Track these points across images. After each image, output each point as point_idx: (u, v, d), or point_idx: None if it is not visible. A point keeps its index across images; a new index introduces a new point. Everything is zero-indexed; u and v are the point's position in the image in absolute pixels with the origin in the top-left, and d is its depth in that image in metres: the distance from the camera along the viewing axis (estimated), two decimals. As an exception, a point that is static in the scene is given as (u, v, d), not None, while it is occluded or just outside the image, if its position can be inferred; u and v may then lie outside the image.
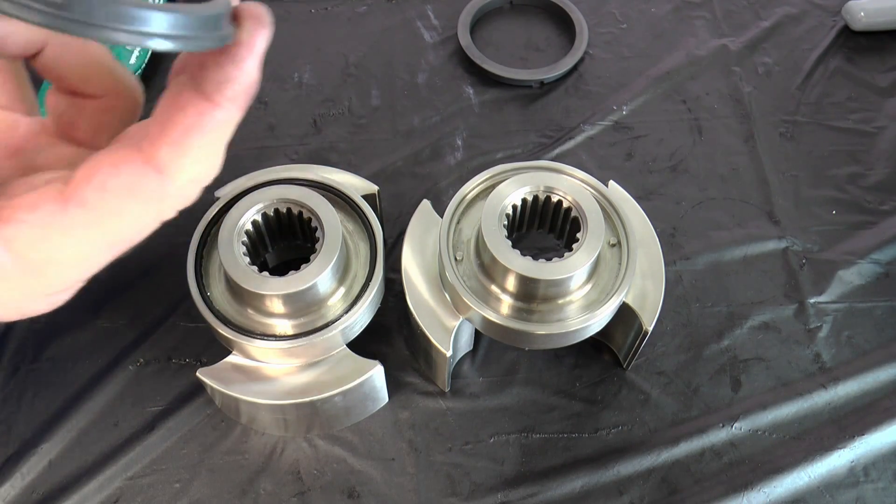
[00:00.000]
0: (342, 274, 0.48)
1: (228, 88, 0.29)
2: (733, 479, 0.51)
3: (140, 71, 0.67)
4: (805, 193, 0.64)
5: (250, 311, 0.47)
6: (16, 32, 0.31)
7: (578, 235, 0.47)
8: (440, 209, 0.52)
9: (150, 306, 0.57)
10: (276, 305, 0.46)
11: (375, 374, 0.48)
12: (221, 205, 0.49)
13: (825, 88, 0.70)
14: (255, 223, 0.48)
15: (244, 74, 0.29)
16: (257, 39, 0.30)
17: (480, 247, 0.48)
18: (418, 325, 0.49)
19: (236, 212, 0.48)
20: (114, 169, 0.28)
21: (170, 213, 0.30)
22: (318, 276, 0.45)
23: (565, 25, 0.74)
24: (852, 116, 0.69)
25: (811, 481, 0.51)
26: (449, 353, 0.48)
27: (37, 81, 0.34)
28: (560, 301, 0.47)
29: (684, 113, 0.69)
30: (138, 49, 0.67)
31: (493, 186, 0.50)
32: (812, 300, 0.58)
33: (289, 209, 0.49)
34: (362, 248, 0.50)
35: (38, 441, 0.51)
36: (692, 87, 0.70)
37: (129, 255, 0.62)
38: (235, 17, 0.30)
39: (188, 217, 0.47)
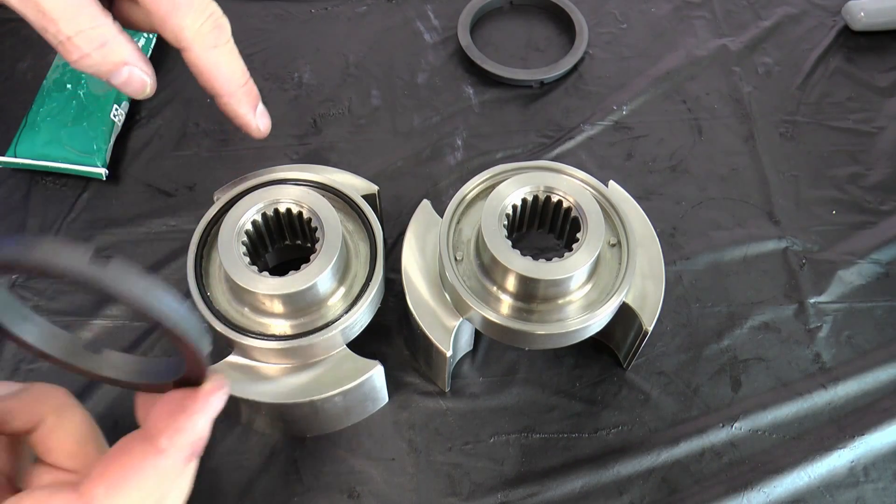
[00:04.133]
0: (342, 274, 0.48)
1: (176, 437, 0.32)
2: (733, 479, 0.51)
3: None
4: (805, 193, 0.64)
5: (250, 310, 0.47)
6: (17, 409, 0.35)
7: (578, 235, 0.47)
8: (440, 209, 0.52)
9: (150, 306, 0.57)
10: (276, 305, 0.46)
11: (375, 374, 0.48)
12: (221, 205, 0.49)
13: (825, 88, 0.70)
14: (255, 223, 0.48)
15: (195, 427, 0.32)
16: (213, 399, 0.33)
17: (480, 247, 0.48)
18: (418, 325, 0.49)
19: (236, 212, 0.48)
20: None
21: None
22: (318, 276, 0.45)
23: (565, 25, 0.74)
24: (852, 116, 0.69)
25: (811, 481, 0.51)
26: (449, 353, 0.48)
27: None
28: (560, 301, 0.47)
29: (684, 113, 0.69)
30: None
31: (493, 186, 0.50)
32: (812, 300, 0.58)
33: (289, 209, 0.49)
34: (362, 248, 0.50)
35: (38, 441, 0.51)
36: (692, 87, 0.70)
37: (129, 256, 0.63)
38: (199, 375, 0.32)
39: (189, 217, 0.47)
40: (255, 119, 0.48)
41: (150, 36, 0.68)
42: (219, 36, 0.45)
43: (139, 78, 0.44)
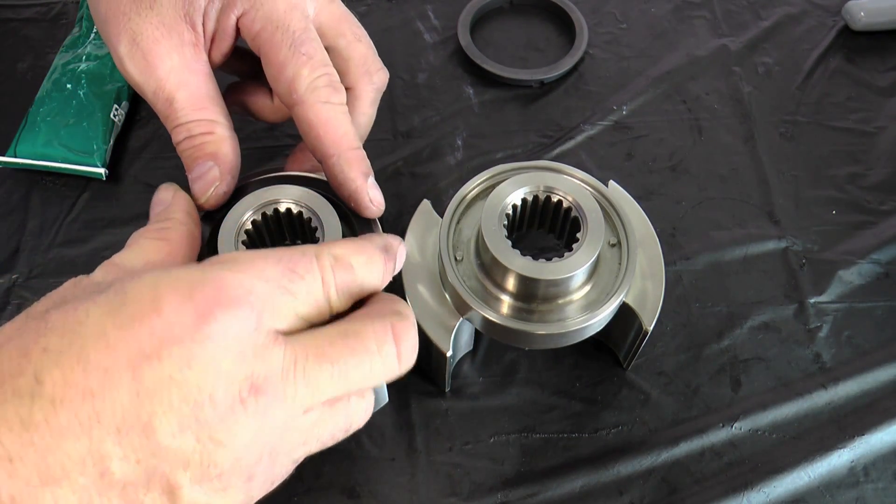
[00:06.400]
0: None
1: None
2: (733, 479, 0.51)
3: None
4: (805, 193, 0.64)
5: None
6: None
7: (578, 235, 0.47)
8: (440, 209, 0.52)
9: (150, 306, 0.57)
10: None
11: (375, 374, 0.48)
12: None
13: (825, 88, 0.70)
14: (255, 223, 0.48)
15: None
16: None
17: (480, 247, 0.48)
18: (418, 325, 0.49)
19: (236, 212, 0.48)
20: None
21: None
22: (318, 276, 0.45)
23: (565, 25, 0.74)
24: (852, 116, 0.69)
25: (811, 481, 0.51)
26: (449, 353, 0.48)
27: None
28: (560, 301, 0.47)
29: (684, 113, 0.69)
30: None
31: (493, 186, 0.50)
32: (812, 300, 0.58)
33: (289, 209, 0.49)
34: (362, 248, 0.50)
35: (38, 441, 0.51)
36: (692, 87, 0.70)
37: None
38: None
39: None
40: (368, 188, 0.47)
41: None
42: (332, 94, 0.46)
43: (213, 177, 0.46)
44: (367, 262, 0.38)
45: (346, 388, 0.35)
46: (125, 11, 0.45)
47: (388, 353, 0.36)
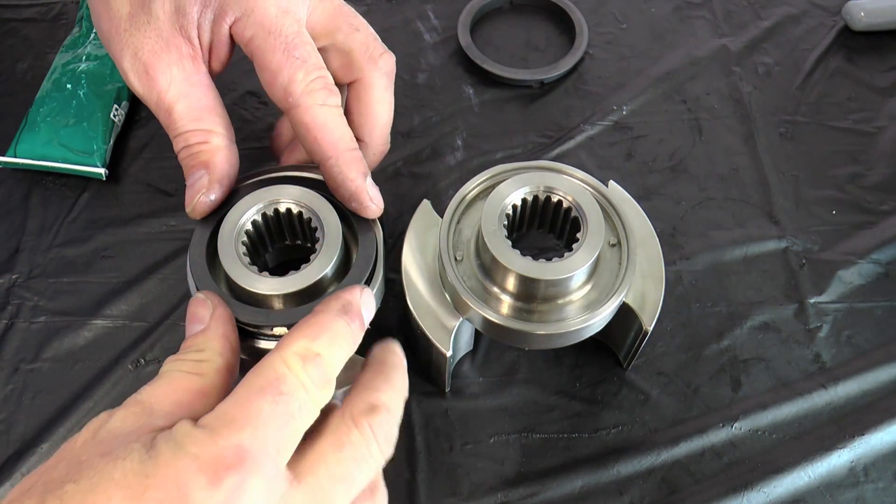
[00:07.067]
0: (342, 274, 0.48)
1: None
2: (733, 479, 0.51)
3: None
4: (805, 193, 0.64)
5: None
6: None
7: (578, 235, 0.47)
8: (440, 209, 0.52)
9: (150, 306, 0.57)
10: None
11: (375, 374, 0.48)
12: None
13: (825, 88, 0.70)
14: (255, 223, 0.48)
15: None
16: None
17: (480, 247, 0.48)
18: (418, 325, 0.49)
19: (236, 212, 0.48)
20: None
21: None
22: (319, 275, 0.45)
23: (565, 25, 0.74)
24: (852, 116, 0.69)
25: (811, 481, 0.51)
26: (449, 353, 0.48)
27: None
28: (560, 301, 0.47)
29: (684, 113, 0.69)
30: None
31: (493, 186, 0.50)
32: (812, 300, 0.58)
33: (289, 209, 0.49)
34: (362, 249, 0.50)
35: (38, 441, 0.51)
36: (692, 87, 0.70)
37: (129, 256, 0.62)
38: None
39: (189, 217, 0.47)
40: (367, 187, 0.47)
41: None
42: (328, 96, 0.47)
43: (201, 185, 0.47)
44: (331, 341, 0.38)
45: (355, 493, 0.36)
46: (125, 28, 0.46)
47: (375, 452, 0.37)
